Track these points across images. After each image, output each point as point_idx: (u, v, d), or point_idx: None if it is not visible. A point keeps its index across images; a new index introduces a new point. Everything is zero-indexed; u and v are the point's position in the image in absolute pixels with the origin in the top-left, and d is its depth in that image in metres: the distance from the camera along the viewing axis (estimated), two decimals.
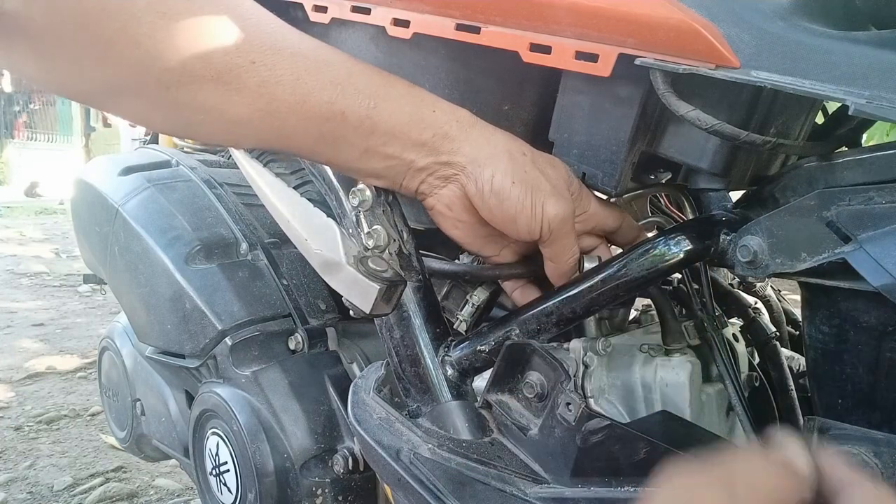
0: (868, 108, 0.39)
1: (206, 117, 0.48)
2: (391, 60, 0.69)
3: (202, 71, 0.46)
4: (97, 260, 1.06)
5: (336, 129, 0.51)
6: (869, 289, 0.42)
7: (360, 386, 0.70)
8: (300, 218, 0.55)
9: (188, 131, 0.56)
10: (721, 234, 0.53)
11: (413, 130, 0.53)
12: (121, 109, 0.51)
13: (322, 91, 0.50)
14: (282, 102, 0.49)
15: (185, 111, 0.48)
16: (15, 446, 1.90)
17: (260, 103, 0.48)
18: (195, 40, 0.45)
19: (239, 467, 0.83)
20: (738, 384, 0.57)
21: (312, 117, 0.50)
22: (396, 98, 0.53)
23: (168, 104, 0.47)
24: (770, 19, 0.49)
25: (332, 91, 0.50)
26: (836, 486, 0.30)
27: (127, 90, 0.47)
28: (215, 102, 0.47)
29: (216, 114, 0.48)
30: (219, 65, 0.46)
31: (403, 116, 0.52)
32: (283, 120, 0.49)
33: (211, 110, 0.48)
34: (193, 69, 0.45)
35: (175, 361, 0.94)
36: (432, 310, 0.65)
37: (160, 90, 0.46)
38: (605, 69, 0.50)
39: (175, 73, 0.45)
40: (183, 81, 0.46)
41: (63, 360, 2.50)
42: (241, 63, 0.47)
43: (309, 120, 0.50)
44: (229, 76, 0.47)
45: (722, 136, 0.47)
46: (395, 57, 0.69)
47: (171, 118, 0.49)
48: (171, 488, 1.71)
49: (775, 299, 0.92)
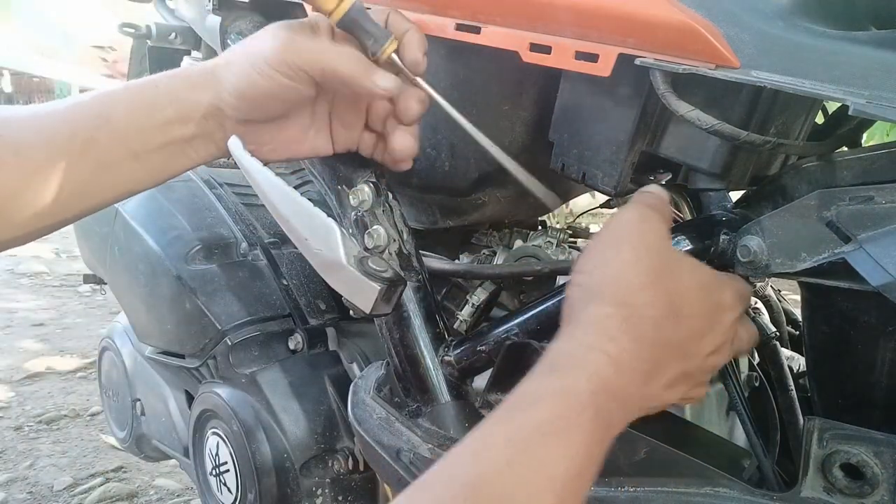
0: (868, 108, 0.39)
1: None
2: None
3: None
4: (97, 260, 1.06)
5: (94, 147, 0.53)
6: (869, 289, 0.42)
7: (360, 386, 0.70)
8: (300, 218, 0.55)
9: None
10: (721, 234, 0.53)
11: (155, 113, 0.54)
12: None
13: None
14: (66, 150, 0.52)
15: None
16: (15, 446, 1.90)
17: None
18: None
19: (239, 467, 0.83)
20: (738, 384, 0.57)
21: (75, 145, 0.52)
22: (125, 101, 0.54)
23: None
24: (770, 19, 0.49)
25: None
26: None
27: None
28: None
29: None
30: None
31: (139, 112, 0.54)
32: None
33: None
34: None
35: (175, 361, 0.94)
36: (432, 310, 0.65)
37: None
38: (605, 69, 0.50)
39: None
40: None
41: (63, 360, 2.50)
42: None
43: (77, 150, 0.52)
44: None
45: (722, 136, 0.47)
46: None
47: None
48: (171, 488, 1.71)
49: (775, 299, 0.92)
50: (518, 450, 0.35)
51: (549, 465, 0.35)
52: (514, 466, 0.34)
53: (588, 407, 0.37)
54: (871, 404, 0.50)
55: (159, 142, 0.55)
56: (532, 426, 0.36)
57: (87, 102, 0.54)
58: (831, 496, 0.46)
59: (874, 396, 0.50)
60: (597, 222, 2.71)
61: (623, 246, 0.44)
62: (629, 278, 0.43)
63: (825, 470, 0.46)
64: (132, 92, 0.55)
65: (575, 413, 0.37)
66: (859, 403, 0.51)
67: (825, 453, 0.46)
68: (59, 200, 0.52)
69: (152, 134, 0.54)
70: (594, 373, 0.39)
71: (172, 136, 0.55)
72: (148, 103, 0.54)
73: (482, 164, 0.71)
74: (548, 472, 0.35)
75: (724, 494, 0.49)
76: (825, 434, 0.46)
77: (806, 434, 0.47)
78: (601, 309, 0.42)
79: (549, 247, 0.80)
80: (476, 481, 0.34)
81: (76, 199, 0.54)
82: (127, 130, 0.54)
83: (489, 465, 0.35)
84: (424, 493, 0.35)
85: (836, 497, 0.46)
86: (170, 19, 1.03)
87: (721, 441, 0.62)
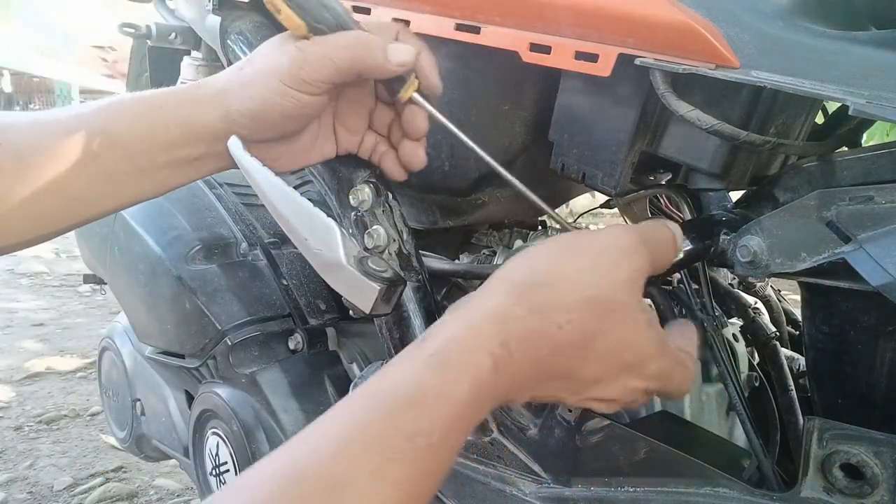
0: (868, 108, 0.39)
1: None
2: None
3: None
4: (97, 260, 1.06)
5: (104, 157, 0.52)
6: (869, 289, 0.42)
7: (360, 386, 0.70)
8: (300, 218, 0.55)
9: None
10: (721, 234, 0.53)
11: (158, 132, 0.53)
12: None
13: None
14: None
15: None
16: (15, 446, 1.90)
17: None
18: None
19: (239, 467, 0.83)
20: (738, 384, 0.57)
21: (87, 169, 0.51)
22: (129, 119, 0.53)
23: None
24: (770, 19, 0.49)
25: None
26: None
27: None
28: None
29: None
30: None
31: (144, 133, 0.53)
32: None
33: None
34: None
35: (175, 361, 0.94)
36: (432, 310, 0.65)
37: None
38: (605, 69, 0.50)
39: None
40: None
41: (63, 360, 2.50)
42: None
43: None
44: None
45: (722, 136, 0.47)
46: None
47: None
48: (171, 488, 1.71)
49: (775, 299, 0.92)
50: (376, 454, 0.33)
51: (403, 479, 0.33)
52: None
53: (462, 417, 0.35)
54: (871, 404, 0.50)
55: (164, 160, 0.54)
56: (397, 429, 0.34)
57: (90, 115, 0.53)
58: (831, 496, 0.46)
59: (874, 396, 0.50)
60: (597, 222, 2.71)
61: (588, 261, 0.40)
62: (565, 293, 0.39)
63: (825, 470, 0.46)
64: (136, 112, 0.53)
65: (448, 423, 0.35)
66: (859, 403, 0.51)
67: (825, 453, 0.46)
68: (59, 208, 0.52)
69: (157, 154, 0.53)
70: (475, 377, 0.36)
71: (179, 156, 0.54)
72: (153, 125, 0.53)
73: (482, 165, 0.70)
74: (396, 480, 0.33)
75: (724, 494, 0.49)
76: (825, 434, 0.46)
77: (806, 434, 0.47)
78: (513, 308, 0.38)
79: None
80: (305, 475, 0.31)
81: (77, 208, 0.53)
82: (131, 148, 0.52)
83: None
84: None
85: (836, 497, 0.46)
86: (170, 19, 1.03)
87: (721, 441, 0.62)
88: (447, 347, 0.36)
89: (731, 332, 0.74)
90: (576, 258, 0.40)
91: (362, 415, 0.35)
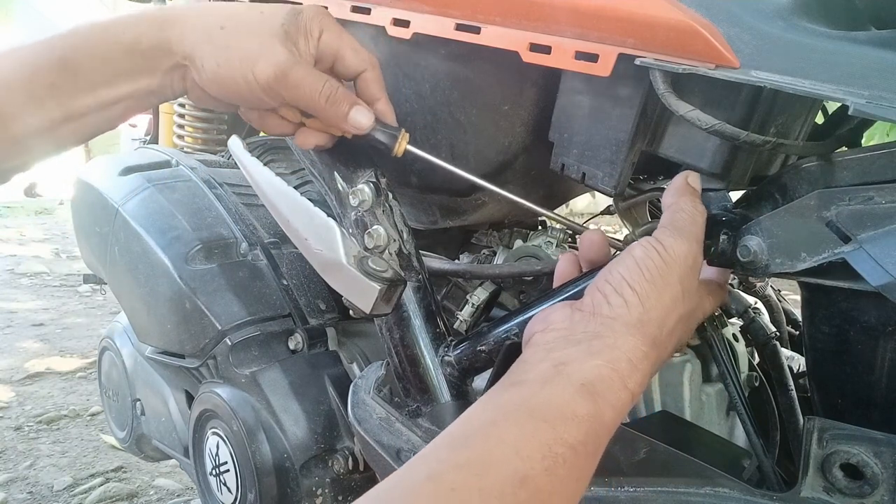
0: (868, 108, 0.39)
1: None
2: (391, 60, 0.69)
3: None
4: (97, 260, 1.06)
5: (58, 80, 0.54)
6: (869, 289, 0.42)
7: (360, 386, 0.70)
8: (300, 218, 0.55)
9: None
10: (721, 234, 0.53)
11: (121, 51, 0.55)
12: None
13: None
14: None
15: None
16: (15, 446, 1.90)
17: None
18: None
19: (239, 467, 0.83)
20: (738, 384, 0.57)
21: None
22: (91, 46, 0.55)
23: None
24: (770, 19, 0.49)
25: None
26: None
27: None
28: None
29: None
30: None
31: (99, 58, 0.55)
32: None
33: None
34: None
35: (175, 361, 0.94)
36: (432, 310, 0.65)
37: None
38: (605, 69, 0.50)
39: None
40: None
41: (63, 360, 2.50)
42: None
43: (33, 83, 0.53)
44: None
45: (722, 136, 0.47)
46: (395, 57, 0.69)
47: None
48: (171, 488, 1.71)
49: (775, 299, 0.92)
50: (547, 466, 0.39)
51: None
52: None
53: (607, 435, 0.43)
54: (871, 404, 0.50)
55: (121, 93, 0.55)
56: (562, 442, 0.39)
57: (47, 42, 0.54)
58: (831, 496, 0.46)
59: (874, 396, 0.50)
60: (597, 222, 2.69)
61: (672, 288, 0.47)
62: (668, 322, 0.47)
63: (825, 470, 0.46)
64: (93, 43, 0.55)
65: (594, 445, 0.41)
66: (859, 403, 0.51)
67: (825, 453, 0.46)
68: (19, 143, 0.53)
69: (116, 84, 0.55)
70: (617, 409, 0.43)
71: (137, 87, 0.56)
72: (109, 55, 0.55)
73: (482, 165, 0.71)
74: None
75: (724, 494, 0.49)
76: (825, 434, 0.46)
77: (806, 434, 0.47)
78: (641, 347, 0.45)
79: (549, 247, 0.80)
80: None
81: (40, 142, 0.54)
82: (91, 77, 0.54)
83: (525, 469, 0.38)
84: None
85: (836, 497, 0.46)
86: None
87: (721, 441, 0.62)
88: (595, 383, 0.43)
89: (731, 332, 0.74)
90: (662, 286, 0.47)
91: (528, 424, 0.40)
